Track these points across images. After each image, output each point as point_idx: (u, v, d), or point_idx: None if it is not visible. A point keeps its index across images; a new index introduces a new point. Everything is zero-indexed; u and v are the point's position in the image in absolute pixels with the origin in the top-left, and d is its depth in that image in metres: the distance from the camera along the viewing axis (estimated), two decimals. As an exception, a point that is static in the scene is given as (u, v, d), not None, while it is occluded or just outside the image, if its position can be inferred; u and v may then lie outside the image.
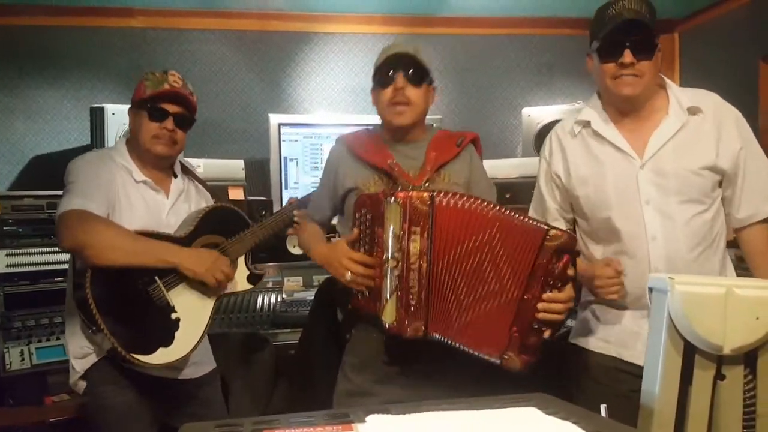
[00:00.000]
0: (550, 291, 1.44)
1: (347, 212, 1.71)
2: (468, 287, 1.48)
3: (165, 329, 1.71)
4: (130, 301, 1.68)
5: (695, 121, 1.60)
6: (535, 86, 3.85)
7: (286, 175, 3.21)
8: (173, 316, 1.73)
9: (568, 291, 1.46)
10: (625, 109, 1.63)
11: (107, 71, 3.39)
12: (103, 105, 2.85)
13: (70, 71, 3.35)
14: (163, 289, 1.72)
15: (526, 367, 1.46)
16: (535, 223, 1.46)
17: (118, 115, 2.80)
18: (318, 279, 2.81)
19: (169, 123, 1.78)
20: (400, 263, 1.48)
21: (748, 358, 1.06)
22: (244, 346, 2.34)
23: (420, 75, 1.65)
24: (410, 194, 1.48)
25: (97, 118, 2.83)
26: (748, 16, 3.26)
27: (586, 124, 1.68)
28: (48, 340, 2.43)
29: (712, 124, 1.59)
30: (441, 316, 1.50)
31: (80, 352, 1.74)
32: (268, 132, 3.23)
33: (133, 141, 1.85)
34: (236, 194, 2.83)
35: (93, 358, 1.72)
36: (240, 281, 1.92)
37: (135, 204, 1.77)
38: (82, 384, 1.76)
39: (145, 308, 1.69)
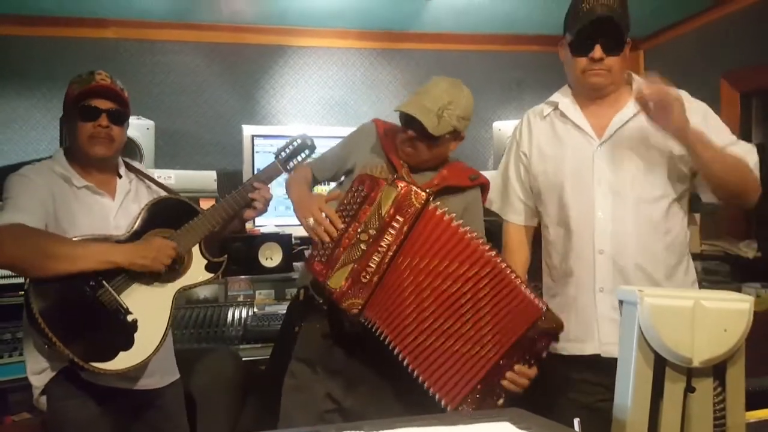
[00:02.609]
0: (524, 364, 1.45)
1: (345, 186, 1.72)
2: (435, 307, 1.46)
3: (122, 333, 1.65)
4: (80, 309, 1.61)
5: None
6: (506, 101, 3.90)
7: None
8: (129, 318, 1.66)
9: (535, 369, 1.48)
10: (593, 97, 1.68)
11: (77, 81, 3.32)
12: (72, 115, 2.79)
13: (41, 81, 3.29)
14: (113, 292, 1.65)
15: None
16: (535, 298, 1.45)
17: (86, 126, 2.75)
18: (290, 292, 2.78)
19: (103, 120, 1.71)
20: (370, 239, 1.49)
21: (717, 370, 1.07)
22: (212, 361, 2.29)
23: (429, 138, 1.61)
24: (411, 187, 1.51)
25: (65, 129, 2.78)
26: (710, 35, 3.36)
27: (555, 106, 1.74)
28: (10, 356, 2.35)
29: None
30: (385, 310, 1.49)
31: (38, 367, 1.68)
32: (241, 143, 3.21)
33: (70, 148, 1.79)
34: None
35: (50, 373, 1.66)
36: (198, 272, 1.81)
37: (78, 212, 1.71)
38: (44, 400, 1.70)
39: (97, 315, 1.63)
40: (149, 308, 1.70)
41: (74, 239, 1.63)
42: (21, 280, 2.40)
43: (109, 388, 1.68)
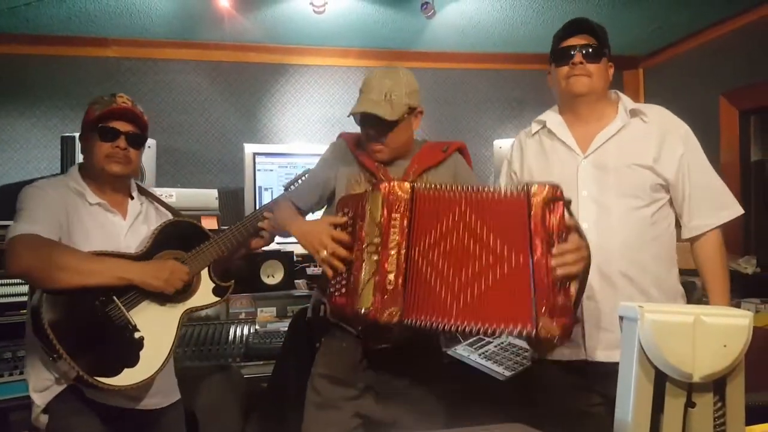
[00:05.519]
0: (558, 243, 1.37)
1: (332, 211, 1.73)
2: (454, 268, 1.42)
3: (129, 349, 1.65)
4: (89, 323, 1.62)
5: (638, 124, 1.71)
6: (506, 119, 3.94)
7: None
8: (136, 335, 1.67)
9: (574, 238, 1.39)
10: (579, 109, 1.75)
11: (80, 101, 3.32)
12: (74, 134, 2.80)
13: (41, 100, 3.32)
14: (122, 308, 1.66)
15: (564, 332, 1.33)
16: (511, 190, 1.44)
17: (89, 144, 2.77)
18: (292, 309, 2.78)
19: (122, 142, 1.74)
20: (378, 248, 1.45)
21: (717, 385, 1.07)
22: (214, 379, 2.29)
23: (390, 125, 1.66)
24: (393, 183, 1.48)
25: (67, 148, 2.80)
26: (710, 54, 3.41)
27: (543, 125, 1.82)
28: (10, 375, 2.34)
29: (656, 131, 1.69)
30: (422, 302, 1.42)
31: (41, 384, 1.67)
32: (242, 161, 3.23)
33: (86, 165, 1.81)
34: (210, 224, 2.80)
35: (55, 390, 1.65)
36: (205, 294, 1.84)
37: (90, 228, 1.72)
38: (44, 418, 1.68)
39: (105, 330, 1.63)
40: (156, 327, 1.71)
41: (89, 253, 1.64)
42: (22, 299, 2.43)
43: (113, 408, 1.68)
